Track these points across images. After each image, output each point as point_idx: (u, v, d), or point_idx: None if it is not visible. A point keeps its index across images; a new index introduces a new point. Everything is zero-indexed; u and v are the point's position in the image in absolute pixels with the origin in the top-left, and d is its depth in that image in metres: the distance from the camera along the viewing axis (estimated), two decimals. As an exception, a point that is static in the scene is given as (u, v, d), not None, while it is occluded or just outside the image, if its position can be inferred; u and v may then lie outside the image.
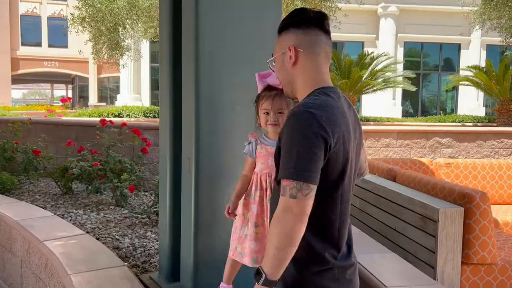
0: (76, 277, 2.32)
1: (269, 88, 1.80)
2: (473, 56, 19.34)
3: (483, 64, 15.05)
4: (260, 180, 1.83)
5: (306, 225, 1.24)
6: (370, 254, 2.78)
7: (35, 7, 33.23)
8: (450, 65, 20.45)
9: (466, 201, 2.88)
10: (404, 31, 19.25)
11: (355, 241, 2.50)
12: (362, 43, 19.63)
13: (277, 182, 1.35)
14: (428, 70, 20.74)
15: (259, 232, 1.82)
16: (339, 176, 1.33)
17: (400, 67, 11.05)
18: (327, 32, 1.42)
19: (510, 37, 10.08)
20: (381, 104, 18.61)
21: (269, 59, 1.54)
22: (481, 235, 2.85)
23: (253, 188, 1.84)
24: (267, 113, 1.78)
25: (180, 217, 2.41)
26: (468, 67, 10.32)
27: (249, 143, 1.88)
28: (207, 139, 2.17)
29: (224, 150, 2.21)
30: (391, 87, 9.68)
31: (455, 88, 18.62)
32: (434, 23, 18.77)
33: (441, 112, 19.27)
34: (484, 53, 19.62)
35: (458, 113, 18.68)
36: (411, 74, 11.04)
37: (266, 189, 1.82)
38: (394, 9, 18.85)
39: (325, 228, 1.35)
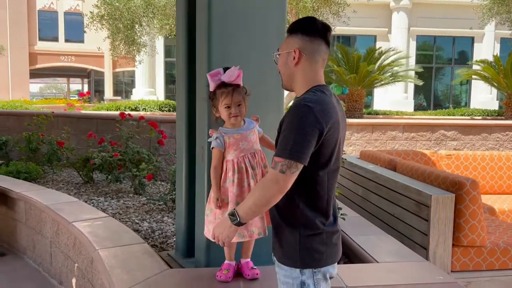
0: (104, 251, 2.64)
1: (223, 84, 1.99)
2: (486, 49, 19.25)
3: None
4: (238, 164, 2.01)
5: (283, 195, 1.54)
6: (367, 236, 3.04)
7: (52, 3, 33.83)
8: (464, 59, 20.36)
9: (457, 188, 3.12)
10: (417, 25, 19.24)
11: (355, 226, 2.84)
12: (374, 37, 19.68)
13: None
14: (441, 64, 20.71)
15: None
16: (329, 158, 1.60)
17: (410, 61, 11.13)
18: (328, 43, 1.69)
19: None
20: (393, 98, 18.72)
21: (275, 53, 1.77)
22: (470, 219, 3.09)
23: (231, 173, 2.02)
24: (228, 107, 1.97)
25: (194, 201, 2.70)
26: (476, 61, 10.40)
27: (216, 138, 2.04)
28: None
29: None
30: (399, 81, 9.83)
31: (468, 82, 18.58)
32: (447, 16, 18.74)
33: (452, 105, 19.28)
34: (498, 46, 19.50)
35: (471, 107, 18.68)
36: (418, 68, 11.14)
37: (247, 169, 2.01)
38: (407, 3, 18.84)
39: (315, 200, 1.62)
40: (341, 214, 3.29)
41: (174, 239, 3.32)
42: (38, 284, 3.73)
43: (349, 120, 6.87)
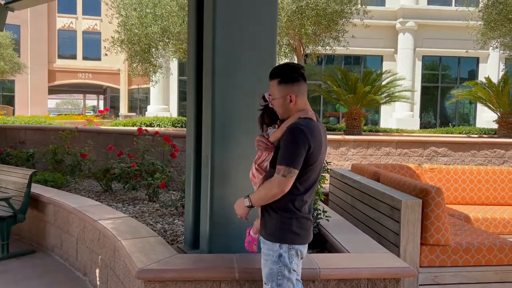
0: (125, 241, 3.22)
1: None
2: (491, 69, 19.71)
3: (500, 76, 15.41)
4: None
5: (284, 193, 2.14)
6: (346, 235, 3.58)
7: (71, 22, 35.25)
8: (470, 78, 20.83)
9: (424, 195, 3.64)
10: (422, 45, 19.84)
11: (338, 226, 3.44)
12: (381, 57, 20.31)
13: (272, 166, 2.28)
14: (446, 83, 21.20)
15: None
16: (312, 166, 2.20)
17: (404, 82, 11.72)
18: (305, 80, 2.33)
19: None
20: (400, 117, 19.26)
21: (269, 98, 2.33)
22: (436, 221, 3.60)
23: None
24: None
25: (200, 200, 3.28)
26: (468, 82, 10.95)
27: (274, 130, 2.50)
28: (220, 142, 3.03)
29: (232, 151, 3.06)
30: (395, 101, 10.43)
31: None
32: (451, 37, 19.31)
33: (459, 124, 19.68)
34: (502, 66, 19.95)
35: (477, 125, 19.05)
36: (411, 88, 11.67)
37: None
38: (412, 24, 19.48)
39: (296, 194, 2.20)
40: (326, 217, 3.84)
41: (183, 236, 3.89)
42: (65, 275, 4.32)
43: (346, 137, 7.43)
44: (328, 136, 5.52)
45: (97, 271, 3.92)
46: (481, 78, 18.39)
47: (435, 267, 3.67)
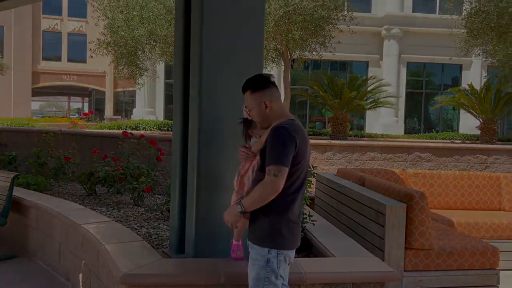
0: (109, 246, 3.18)
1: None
2: (474, 76, 20.07)
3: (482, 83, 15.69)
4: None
5: (277, 193, 2.12)
6: (331, 238, 3.59)
7: (56, 24, 34.85)
8: (454, 85, 21.14)
9: (409, 199, 3.69)
10: (407, 52, 20.11)
11: (323, 230, 3.47)
12: (367, 63, 20.53)
13: (260, 170, 2.27)
14: (430, 90, 21.53)
15: None
16: (299, 165, 2.21)
17: (389, 88, 11.91)
18: (276, 86, 2.40)
19: (495, 62, 10.92)
20: (384, 122, 19.47)
21: (245, 109, 2.40)
22: (420, 226, 3.65)
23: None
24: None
25: (186, 204, 3.26)
26: (452, 89, 11.15)
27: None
28: (206, 145, 3.02)
29: (218, 154, 3.05)
30: (379, 106, 10.56)
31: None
32: (436, 44, 19.61)
33: (443, 129, 19.97)
34: (485, 73, 20.32)
35: (460, 131, 19.36)
36: (396, 94, 11.84)
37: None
38: (397, 31, 19.75)
39: (285, 197, 2.20)
40: (312, 221, 3.85)
41: (168, 241, 3.86)
42: (47, 280, 4.25)
43: (332, 142, 7.50)
44: (314, 141, 5.55)
45: (81, 276, 3.87)
46: (464, 85, 18.66)
47: (419, 271, 3.72)
